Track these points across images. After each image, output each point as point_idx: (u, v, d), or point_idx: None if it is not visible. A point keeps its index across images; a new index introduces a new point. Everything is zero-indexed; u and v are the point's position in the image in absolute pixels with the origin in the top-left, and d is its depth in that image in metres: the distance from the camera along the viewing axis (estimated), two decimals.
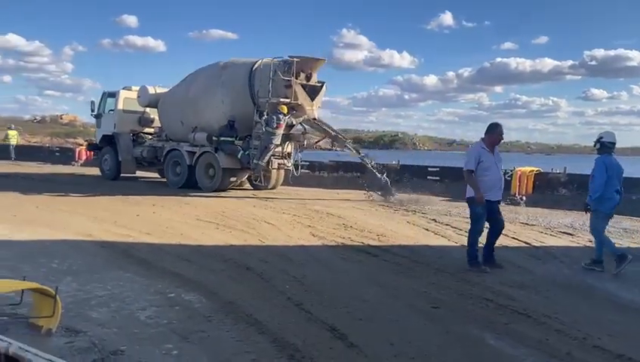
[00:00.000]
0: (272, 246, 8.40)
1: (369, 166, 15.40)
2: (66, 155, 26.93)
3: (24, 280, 4.43)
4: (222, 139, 14.93)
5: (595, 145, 7.71)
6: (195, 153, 15.72)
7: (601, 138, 7.58)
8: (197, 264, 6.91)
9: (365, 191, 15.13)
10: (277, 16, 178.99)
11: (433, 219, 11.33)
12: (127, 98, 18.33)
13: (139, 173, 18.96)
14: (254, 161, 14.46)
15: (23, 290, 4.44)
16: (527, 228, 10.73)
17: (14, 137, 28.70)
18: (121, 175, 18.26)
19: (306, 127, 15.60)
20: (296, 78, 14.52)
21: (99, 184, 16.71)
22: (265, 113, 14.20)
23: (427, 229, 10.23)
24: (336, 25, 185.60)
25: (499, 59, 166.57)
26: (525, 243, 9.13)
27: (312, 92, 14.99)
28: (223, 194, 14.90)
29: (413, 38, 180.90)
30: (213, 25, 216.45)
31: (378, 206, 13.48)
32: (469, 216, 7.48)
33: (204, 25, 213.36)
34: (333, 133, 15.79)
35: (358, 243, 8.68)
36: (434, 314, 5.32)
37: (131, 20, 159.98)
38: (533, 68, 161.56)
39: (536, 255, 8.28)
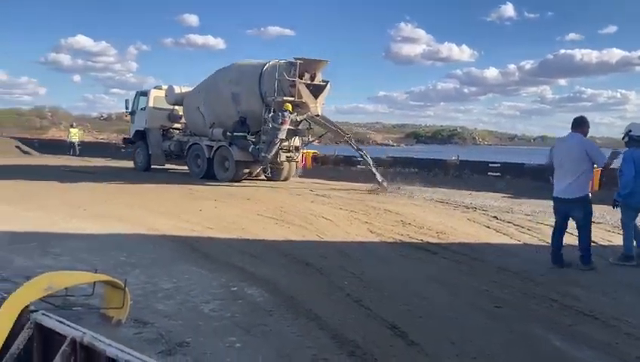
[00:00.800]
0: (330, 242, 8.46)
1: (367, 160, 16.70)
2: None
3: (96, 272, 4.65)
4: (235, 134, 16.31)
5: (623, 139, 7.40)
6: (212, 147, 17.23)
7: (630, 131, 7.27)
8: (258, 258, 7.05)
9: (372, 185, 16.03)
10: (334, 12, 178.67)
11: (494, 217, 11.10)
12: (157, 96, 19.91)
13: (167, 166, 20.43)
14: (262, 155, 15.76)
15: (94, 282, 4.65)
16: (594, 226, 10.32)
17: (76, 135, 30.63)
18: (152, 166, 19.93)
19: (311, 122, 16.93)
20: (301, 78, 15.79)
21: (163, 179, 17.23)
22: (272, 110, 15.56)
23: (488, 227, 10.03)
24: (394, 19, 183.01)
25: (563, 51, 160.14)
26: (592, 241, 8.80)
27: (316, 90, 16.26)
28: (280, 190, 15.08)
29: (473, 30, 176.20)
30: (271, 22, 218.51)
31: (437, 203, 13.32)
32: (584, 216, 7.12)
33: (263, 22, 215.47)
34: (334, 129, 17.11)
35: (416, 241, 8.61)
36: (496, 313, 5.23)
37: (192, 19, 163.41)
38: (599, 59, 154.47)
39: (604, 254, 7.98)
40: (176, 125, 20.24)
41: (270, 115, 15.51)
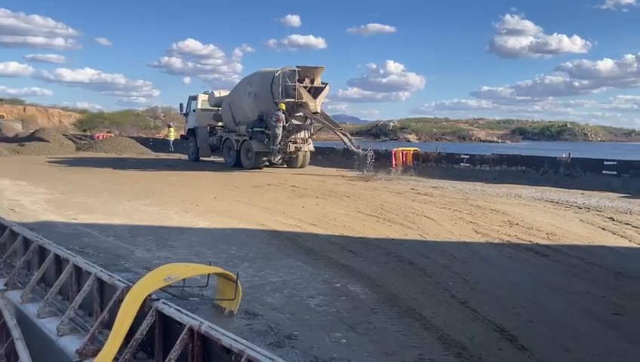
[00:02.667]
0: (433, 241, 8.33)
1: (355, 150, 19.29)
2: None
3: (209, 265, 4.91)
4: (254, 129, 19.67)
5: None
6: (239, 141, 20.82)
7: None
8: (361, 256, 7.10)
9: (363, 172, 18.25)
10: (435, 7, 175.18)
11: (610, 218, 10.41)
12: (204, 100, 23.87)
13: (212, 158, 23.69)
14: (271, 146, 19.07)
15: (209, 274, 4.91)
16: None
17: (172, 133, 32.95)
18: (200, 158, 23.48)
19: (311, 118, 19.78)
20: (302, 83, 19.05)
21: (263, 177, 17.77)
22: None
23: (603, 228, 9.43)
24: (498, 11, 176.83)
25: None
26: None
27: (316, 92, 19.43)
28: (380, 188, 15.04)
29: (585, 20, 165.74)
30: (371, 19, 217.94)
31: (546, 202, 12.69)
32: None
33: (363, 20, 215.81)
34: (327, 123, 19.81)
35: (525, 242, 8.27)
36: (614, 320, 4.92)
37: (294, 20, 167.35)
38: None
39: None
40: (220, 123, 23.33)
41: (272, 114, 18.78)
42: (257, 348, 3.06)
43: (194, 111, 24.30)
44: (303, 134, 20.26)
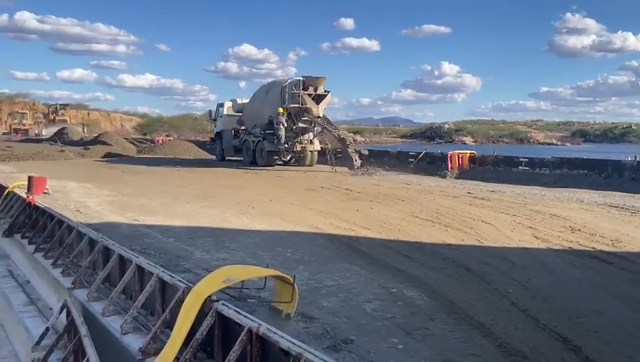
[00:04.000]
0: (491, 247, 8.15)
1: (349, 148, 21.21)
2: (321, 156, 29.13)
3: (267, 267, 4.97)
4: (266, 132, 22.14)
5: None
6: (254, 141, 23.34)
7: None
8: (416, 261, 7.03)
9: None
10: (492, 7, 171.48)
11: None
12: (229, 107, 26.69)
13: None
14: (278, 146, 21.67)
15: (266, 277, 4.98)
16: None
17: None
18: (226, 158, 25.88)
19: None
20: (306, 90, 21.60)
21: (317, 180, 17.84)
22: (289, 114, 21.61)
23: None
24: (558, 9, 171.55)
25: None
26: None
27: (319, 99, 21.88)
28: (435, 192, 14.83)
29: None
30: (425, 20, 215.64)
31: (610, 207, 12.20)
32: None
33: (417, 21, 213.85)
34: (327, 127, 21.96)
35: (588, 248, 7.98)
36: None
37: (348, 23, 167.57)
38: None
39: None
40: (242, 127, 25.67)
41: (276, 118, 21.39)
42: (315, 351, 3.08)
43: (220, 116, 27.23)
44: (308, 136, 22.68)
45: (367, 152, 24.26)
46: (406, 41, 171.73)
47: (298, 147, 22.38)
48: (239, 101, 26.35)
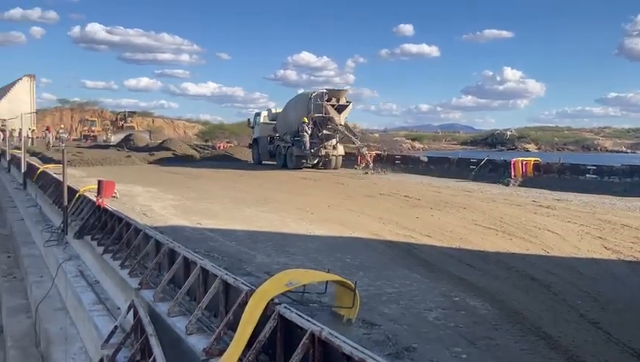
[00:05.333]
0: (558, 257, 7.86)
1: (364, 152, 24.85)
2: (348, 160, 29.23)
3: (328, 272, 4.98)
4: (295, 138, 24.82)
5: None
6: (286, 147, 26.00)
7: None
8: (479, 269, 6.87)
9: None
10: (556, 10, 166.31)
11: None
12: (265, 115, 29.76)
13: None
14: (304, 151, 24.20)
15: (327, 281, 4.98)
16: None
17: None
18: (262, 162, 28.48)
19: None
20: (329, 101, 24.21)
21: (375, 187, 17.75)
22: (314, 122, 24.07)
23: None
24: (629, 11, 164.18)
25: None
26: None
27: (340, 109, 24.42)
28: (499, 200, 14.46)
29: None
30: (487, 25, 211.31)
31: None
32: None
33: (478, 26, 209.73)
34: (348, 133, 24.69)
35: None
36: None
37: (407, 29, 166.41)
38: None
39: None
40: (277, 134, 27.76)
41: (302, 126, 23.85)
42: (378, 357, 3.05)
43: (257, 124, 29.98)
44: (331, 142, 24.97)
45: (426, 159, 24.22)
46: (467, 46, 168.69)
47: (323, 152, 24.84)
48: (273, 110, 29.72)
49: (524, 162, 20.31)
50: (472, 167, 21.83)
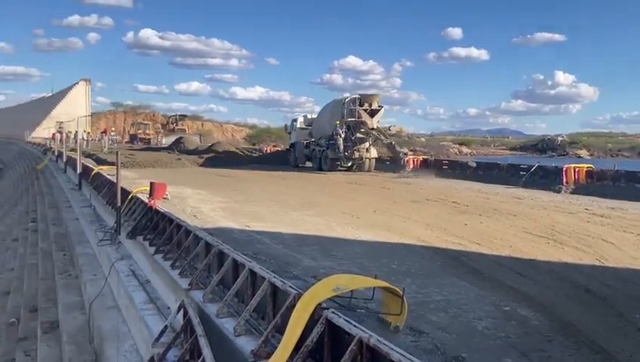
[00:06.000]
0: (613, 268, 7.59)
1: (399, 152, 25.63)
2: (395, 164, 29.04)
3: (375, 278, 4.94)
4: (330, 142, 26.09)
5: None
6: (321, 150, 27.36)
7: None
8: (530, 279, 6.70)
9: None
10: (610, 12, 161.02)
11: None
12: (301, 121, 31.54)
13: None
14: (338, 154, 25.53)
15: (374, 287, 4.95)
16: None
17: None
18: (298, 165, 29.40)
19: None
20: (362, 106, 25.42)
21: (422, 192, 17.55)
22: (347, 127, 25.40)
23: None
24: None
25: None
26: None
27: (373, 113, 25.55)
28: (550, 207, 14.08)
29: None
30: (538, 28, 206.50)
31: None
32: None
33: (529, 29, 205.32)
34: (380, 136, 25.72)
35: None
36: None
37: (455, 32, 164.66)
38: None
39: None
40: (312, 139, 29.35)
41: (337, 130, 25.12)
42: None
43: (294, 130, 31.84)
44: (364, 145, 26.11)
45: (474, 164, 23.87)
46: (517, 49, 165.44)
47: (356, 154, 26.11)
48: (309, 116, 31.75)
49: (577, 169, 19.70)
50: (522, 173, 21.27)
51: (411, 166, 27.19)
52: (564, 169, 19.59)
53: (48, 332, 8.96)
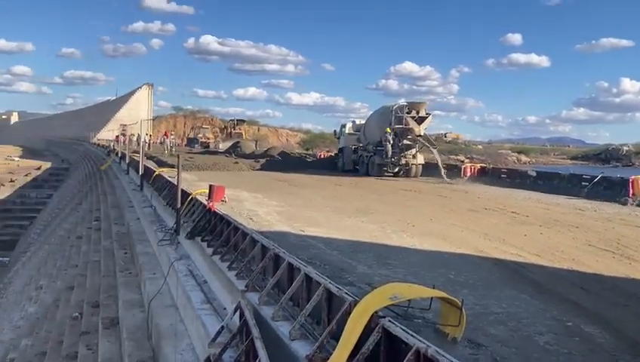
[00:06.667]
0: None
1: (440, 162, 26.06)
2: (451, 171, 28.61)
3: (433, 288, 4.87)
4: (377, 148, 26.71)
5: None
6: (368, 156, 27.98)
7: None
8: (595, 294, 6.44)
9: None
10: None
11: None
12: (350, 127, 32.32)
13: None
14: (385, 160, 25.93)
15: (432, 298, 4.87)
16: None
17: None
18: (346, 170, 29.84)
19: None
20: (409, 113, 25.85)
21: (479, 201, 17.18)
22: (394, 133, 25.81)
23: None
24: None
25: None
26: None
27: (420, 120, 25.94)
28: (613, 219, 13.50)
29: None
30: (603, 34, 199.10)
31: None
32: None
33: (593, 35, 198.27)
34: (426, 143, 26.28)
35: None
36: None
37: (515, 38, 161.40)
38: None
39: None
40: (361, 144, 29.89)
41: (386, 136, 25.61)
42: None
43: (343, 135, 32.66)
44: (412, 151, 26.58)
45: (534, 174, 23.22)
46: (580, 56, 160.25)
47: (403, 161, 26.56)
48: (358, 122, 32.42)
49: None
50: (584, 183, 20.52)
51: (469, 174, 26.72)
52: (631, 180, 18.75)
53: (109, 327, 9.28)
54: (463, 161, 34.56)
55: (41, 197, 55.26)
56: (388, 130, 25.69)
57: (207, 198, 10.08)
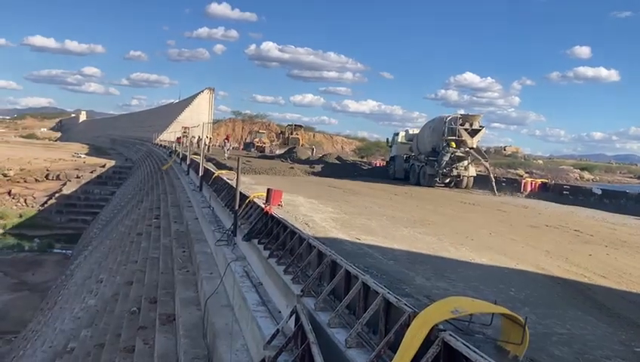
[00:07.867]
0: None
1: (491, 175, 26.45)
2: (511, 186, 27.93)
3: (495, 304, 4.73)
4: (429, 158, 27.12)
5: None
6: (420, 165, 28.44)
7: None
8: None
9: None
10: None
11: None
12: (402, 136, 32.84)
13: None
14: (437, 170, 26.35)
15: (493, 314, 4.74)
16: None
17: None
18: (396, 178, 30.33)
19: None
20: (463, 125, 26.15)
21: (540, 218, 16.65)
22: (446, 144, 26.09)
23: None
24: None
25: None
26: None
27: (473, 132, 26.34)
28: None
29: None
30: None
31: None
32: None
33: None
34: (478, 156, 26.23)
35: None
36: None
37: (583, 51, 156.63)
38: None
39: None
40: (413, 153, 30.31)
41: (442, 147, 26.13)
42: None
43: (395, 143, 33.32)
44: (464, 163, 26.77)
45: (599, 191, 22.39)
46: None
47: (455, 172, 26.86)
48: (410, 131, 32.70)
49: None
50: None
51: (529, 189, 26.00)
52: None
53: (165, 324, 9.51)
54: (522, 176, 33.78)
55: (104, 193, 57.45)
56: (453, 143, 26.02)
57: (264, 202, 10.20)
